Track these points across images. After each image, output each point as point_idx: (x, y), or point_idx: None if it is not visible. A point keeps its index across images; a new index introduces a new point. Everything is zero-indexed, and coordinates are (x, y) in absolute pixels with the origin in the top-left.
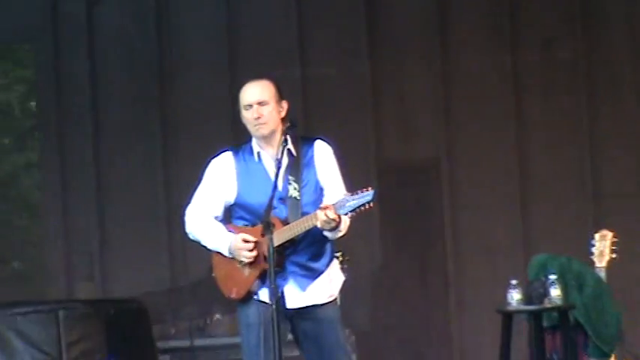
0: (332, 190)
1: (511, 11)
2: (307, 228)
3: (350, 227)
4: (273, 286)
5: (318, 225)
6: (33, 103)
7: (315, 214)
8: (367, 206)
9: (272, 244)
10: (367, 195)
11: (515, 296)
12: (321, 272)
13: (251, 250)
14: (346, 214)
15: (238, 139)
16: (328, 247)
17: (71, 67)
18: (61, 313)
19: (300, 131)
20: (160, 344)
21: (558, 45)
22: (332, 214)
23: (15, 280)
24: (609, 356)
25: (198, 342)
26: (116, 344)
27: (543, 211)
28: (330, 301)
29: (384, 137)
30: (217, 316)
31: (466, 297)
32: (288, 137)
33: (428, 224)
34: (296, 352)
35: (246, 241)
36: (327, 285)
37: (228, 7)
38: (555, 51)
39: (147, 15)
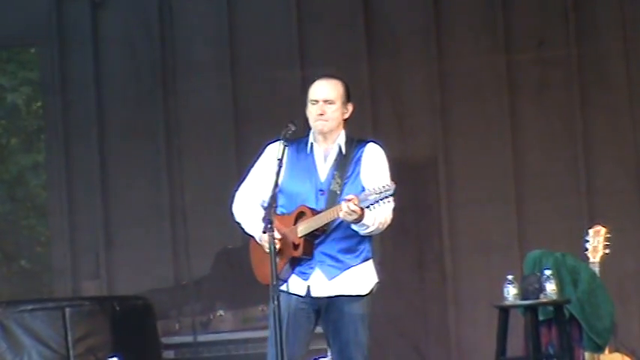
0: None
1: (504, 12)
2: (331, 218)
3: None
4: (274, 282)
5: (341, 216)
6: (39, 105)
7: (340, 205)
8: (388, 200)
9: (273, 244)
10: (388, 189)
11: (511, 291)
12: (350, 266)
13: (278, 240)
14: (368, 207)
15: (241, 139)
16: (364, 245)
17: (76, 69)
18: (67, 310)
19: (299, 131)
20: (164, 340)
21: (551, 45)
22: (353, 206)
23: (22, 277)
24: (603, 349)
25: (202, 338)
26: (122, 340)
27: (538, 208)
28: (358, 296)
29: (381, 136)
30: (220, 312)
31: (463, 292)
32: (340, 135)
33: (425, 221)
34: (323, 344)
35: (273, 236)
36: (357, 280)
37: (229, 9)
38: (548, 50)
39: (150, 17)
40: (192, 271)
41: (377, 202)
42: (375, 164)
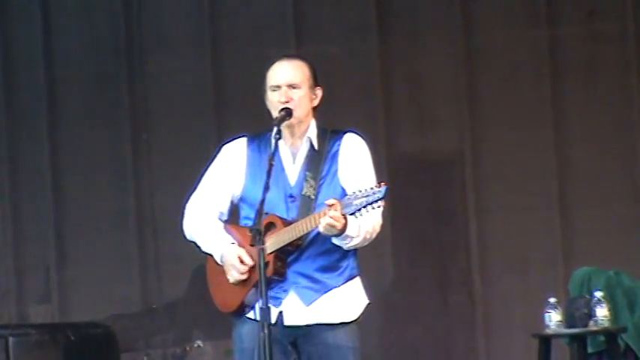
0: (354, 189)
1: None
2: (307, 230)
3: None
4: (263, 306)
5: (321, 228)
6: None
7: (319, 214)
8: (377, 205)
9: (262, 259)
10: (378, 192)
11: (553, 317)
12: (333, 287)
13: (243, 273)
14: (352, 213)
15: (224, 131)
16: (347, 261)
17: (22, 46)
18: (11, 340)
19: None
20: None
21: (603, 17)
22: (335, 213)
23: None
24: None
25: None
26: None
27: (587, 216)
28: (344, 324)
29: (395, 128)
30: (198, 342)
31: (495, 318)
32: (311, 126)
33: (448, 231)
34: None
35: (242, 262)
36: (341, 304)
37: None
38: (600, 25)
39: None
40: (164, 293)
41: (364, 207)
42: (356, 160)
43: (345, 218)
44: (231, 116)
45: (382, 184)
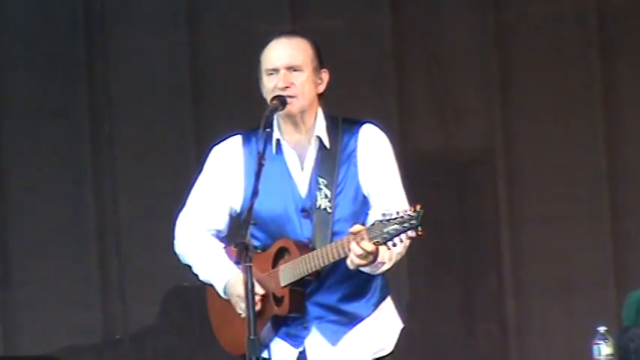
0: (381, 199)
1: None
2: (331, 260)
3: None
4: (253, 337)
5: (349, 263)
6: None
7: (343, 242)
8: (413, 233)
9: (250, 277)
10: (413, 217)
11: (603, 350)
12: (362, 318)
13: (255, 303)
14: (383, 243)
15: (203, 124)
16: (374, 281)
17: None
18: None
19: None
20: None
21: None
22: (369, 246)
23: None
24: None
25: None
26: None
27: None
28: (381, 358)
29: (412, 120)
30: None
31: (532, 351)
32: (318, 118)
33: (476, 245)
34: None
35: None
36: (373, 336)
37: None
38: None
39: None
40: (130, 321)
41: (397, 235)
42: (379, 161)
43: (377, 248)
44: (212, 105)
45: (418, 207)
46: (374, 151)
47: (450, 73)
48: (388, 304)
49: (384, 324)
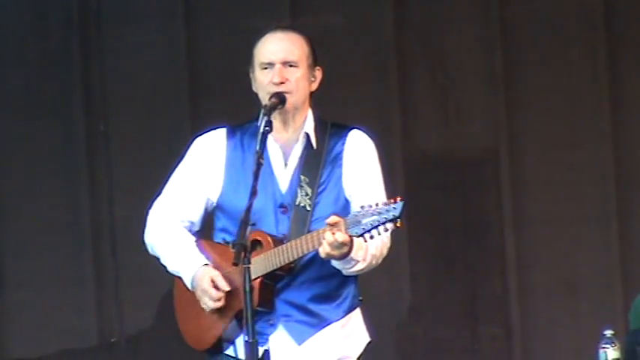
0: (363, 203)
1: None
2: (304, 252)
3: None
4: (251, 340)
5: (321, 251)
6: None
7: (318, 233)
8: (392, 225)
9: (249, 281)
10: (393, 209)
11: (610, 354)
12: (330, 321)
13: (218, 300)
14: (361, 235)
15: (200, 122)
16: (347, 288)
17: None
18: None
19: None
20: None
21: None
22: (342, 236)
23: None
24: None
25: None
26: None
27: None
28: None
29: (414, 119)
30: None
31: (537, 355)
32: (308, 118)
33: (480, 247)
34: None
35: (216, 287)
36: (339, 342)
37: None
38: None
39: None
40: (125, 324)
41: (375, 227)
42: (364, 165)
43: (352, 240)
44: (208, 102)
45: (398, 199)
46: (360, 156)
47: (453, 70)
48: (357, 314)
49: (351, 332)
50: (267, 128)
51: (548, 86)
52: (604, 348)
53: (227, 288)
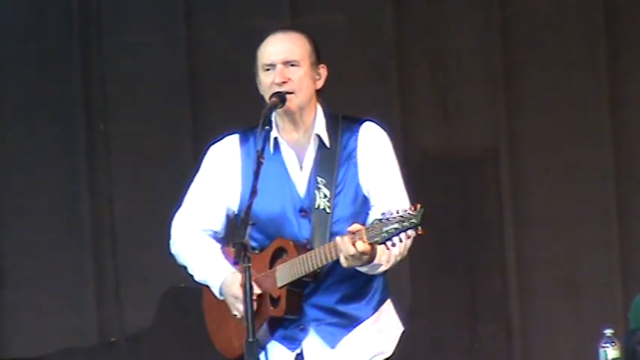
0: (381, 199)
1: None
2: (329, 260)
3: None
4: (252, 339)
5: (343, 262)
6: None
7: (337, 242)
8: (413, 232)
9: (249, 279)
10: (413, 217)
11: (610, 353)
12: (362, 320)
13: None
14: (382, 242)
15: (200, 122)
16: (375, 282)
17: None
18: None
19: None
20: None
21: None
22: (362, 246)
23: None
24: None
25: None
26: None
27: None
28: None
29: (414, 118)
30: None
31: (537, 354)
32: (318, 116)
33: (480, 246)
34: None
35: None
36: (373, 339)
37: None
38: None
39: None
40: (125, 323)
41: (397, 235)
42: (380, 160)
43: (374, 247)
44: (209, 103)
45: (418, 206)
46: (374, 151)
47: (453, 69)
48: (388, 306)
49: (383, 327)
50: (267, 127)
51: (548, 86)
52: (604, 347)
53: (258, 291)
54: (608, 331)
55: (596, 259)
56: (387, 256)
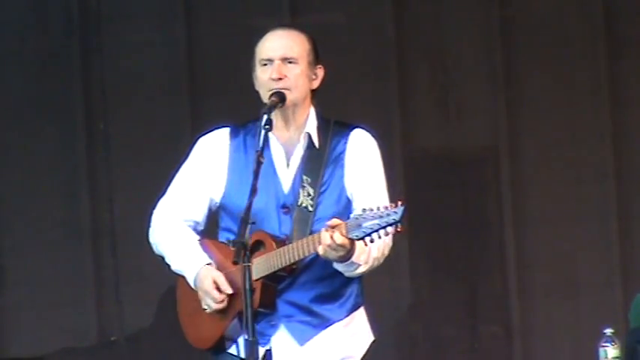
0: (364, 203)
1: None
2: (306, 254)
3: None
4: (251, 338)
5: (320, 252)
6: None
7: (318, 235)
8: (393, 229)
9: (249, 280)
10: (393, 213)
11: (610, 353)
12: (333, 321)
13: (220, 302)
14: (361, 238)
15: (199, 121)
16: (351, 287)
17: None
18: None
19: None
20: None
21: None
22: (340, 238)
23: None
24: None
25: None
26: None
27: None
28: None
29: (414, 118)
30: None
31: (537, 354)
32: (310, 116)
33: (480, 246)
34: None
35: (218, 289)
36: (343, 341)
37: None
38: None
39: None
40: (125, 322)
41: (376, 231)
42: (367, 165)
43: (353, 243)
44: (208, 101)
45: (399, 203)
46: (362, 155)
47: (453, 69)
48: (361, 314)
49: (354, 332)
50: (267, 127)
51: (548, 86)
52: (604, 347)
53: (230, 291)
54: (608, 331)
55: (596, 259)
56: (366, 257)
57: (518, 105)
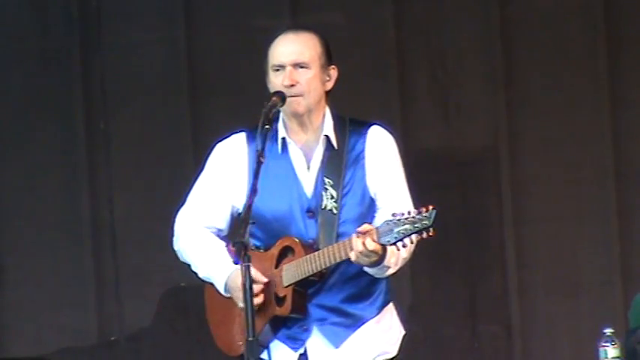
0: (388, 202)
1: None
2: (337, 260)
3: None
4: (252, 338)
5: (352, 258)
6: None
7: (350, 241)
8: (425, 234)
9: (249, 278)
10: (425, 218)
11: (610, 353)
12: (366, 320)
13: (256, 295)
14: (393, 243)
15: (200, 121)
16: (379, 284)
17: None
18: None
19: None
20: None
21: None
22: (372, 245)
23: None
24: None
25: None
26: None
27: None
28: None
29: (415, 117)
30: None
31: (537, 354)
32: (326, 117)
33: (480, 246)
34: None
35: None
36: (377, 338)
37: None
38: None
39: None
40: (126, 322)
41: (408, 236)
42: (385, 163)
43: (384, 248)
44: (209, 102)
45: (430, 207)
46: (382, 154)
47: (453, 69)
48: (391, 309)
49: (387, 328)
50: (267, 126)
51: (548, 86)
52: (604, 346)
53: (265, 279)
54: (608, 331)
55: (595, 258)
56: (396, 259)
57: (518, 105)
